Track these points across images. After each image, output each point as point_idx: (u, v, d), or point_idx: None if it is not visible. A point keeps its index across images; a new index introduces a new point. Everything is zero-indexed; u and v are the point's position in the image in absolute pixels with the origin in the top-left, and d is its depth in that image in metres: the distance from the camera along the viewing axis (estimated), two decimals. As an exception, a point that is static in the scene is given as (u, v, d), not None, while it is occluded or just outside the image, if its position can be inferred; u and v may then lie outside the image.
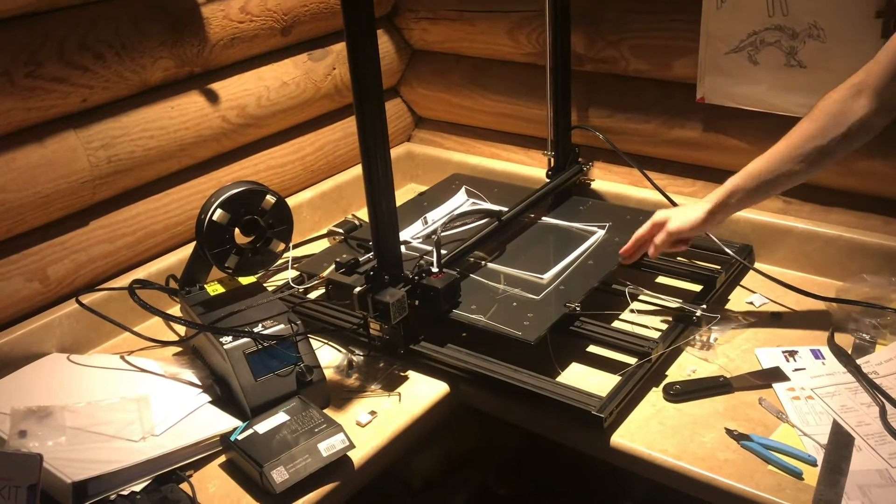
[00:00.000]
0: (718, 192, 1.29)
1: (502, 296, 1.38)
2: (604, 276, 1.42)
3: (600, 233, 1.55)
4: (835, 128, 1.17)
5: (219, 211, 1.30)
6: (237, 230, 1.33)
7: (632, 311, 1.42)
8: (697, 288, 1.46)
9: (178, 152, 1.55)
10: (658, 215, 1.35)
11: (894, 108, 1.14)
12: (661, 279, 1.53)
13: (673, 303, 1.40)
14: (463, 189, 1.77)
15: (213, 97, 1.59)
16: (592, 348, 1.35)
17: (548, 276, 1.42)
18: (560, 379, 1.28)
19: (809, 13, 1.37)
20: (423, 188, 2.01)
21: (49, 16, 1.34)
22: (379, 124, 1.21)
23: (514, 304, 1.36)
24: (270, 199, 1.34)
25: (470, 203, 1.73)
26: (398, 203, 1.78)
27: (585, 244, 1.52)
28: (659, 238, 1.33)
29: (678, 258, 1.53)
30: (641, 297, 1.44)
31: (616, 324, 1.39)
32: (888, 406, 1.17)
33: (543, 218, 1.65)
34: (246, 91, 1.65)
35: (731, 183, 1.28)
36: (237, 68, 1.65)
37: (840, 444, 1.11)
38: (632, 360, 1.28)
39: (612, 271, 1.44)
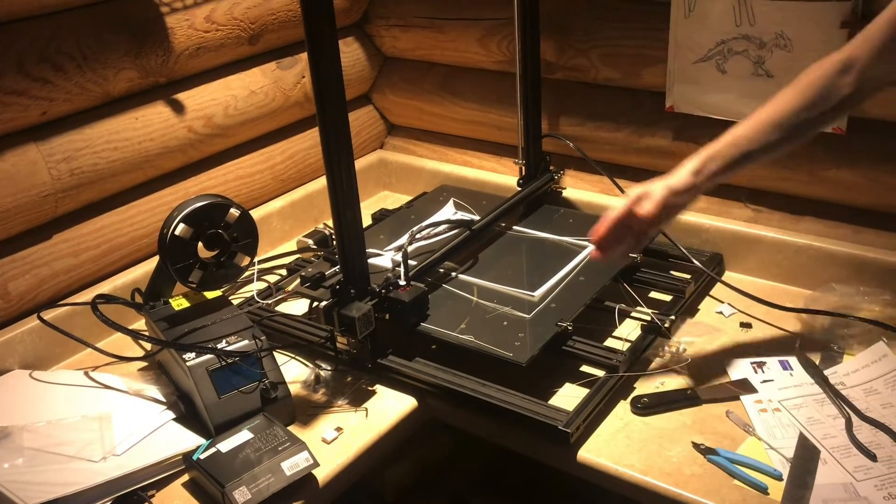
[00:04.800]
0: (696, 157, 1.16)
1: (492, 314, 1.36)
2: (596, 293, 1.40)
3: (591, 247, 1.53)
4: (822, 103, 1.12)
5: (181, 225, 1.28)
6: (201, 244, 1.32)
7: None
8: (669, 298, 1.46)
9: (144, 164, 1.53)
10: (634, 190, 1.18)
11: (880, 86, 1.12)
12: (654, 294, 1.50)
13: (643, 314, 1.39)
14: (451, 201, 1.75)
15: (178, 107, 1.57)
16: (586, 368, 1.32)
17: (539, 293, 1.40)
18: (552, 401, 1.26)
19: (776, 23, 1.37)
20: (396, 195, 2.01)
21: (7, 27, 1.32)
22: (342, 134, 1.19)
23: (505, 322, 1.34)
24: (234, 212, 1.32)
25: (459, 215, 1.70)
26: (377, 211, 1.82)
27: (576, 260, 1.49)
28: (653, 203, 1.15)
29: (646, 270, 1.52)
30: (633, 314, 1.42)
31: (609, 342, 1.37)
32: (854, 418, 1.17)
33: (525, 230, 1.63)
34: (213, 101, 1.63)
35: (711, 148, 1.16)
36: (203, 78, 1.63)
37: (805, 457, 1.11)
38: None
39: (605, 287, 1.42)
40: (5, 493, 1.05)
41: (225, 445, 1.14)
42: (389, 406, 1.29)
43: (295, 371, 1.37)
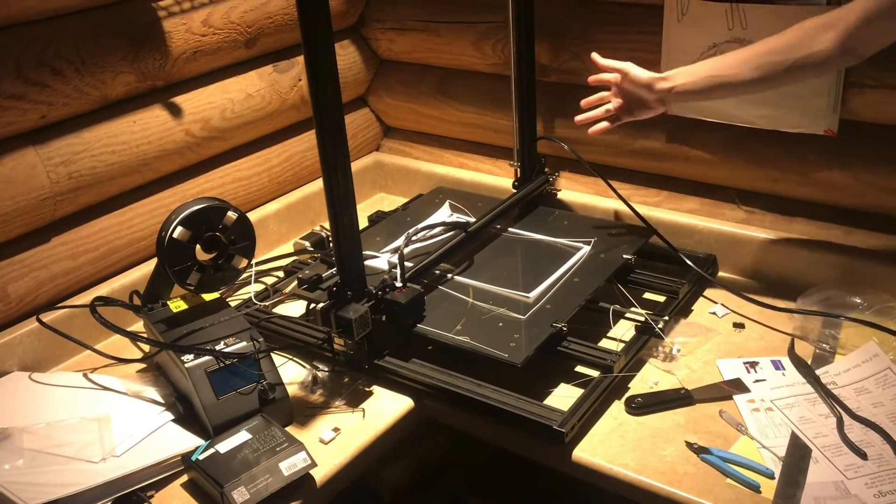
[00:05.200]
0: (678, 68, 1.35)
1: (488, 315, 1.37)
2: (591, 295, 1.41)
3: (585, 249, 1.54)
4: (796, 48, 1.19)
5: (179, 228, 1.29)
6: (198, 247, 1.33)
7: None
8: (663, 299, 1.47)
9: (141, 167, 1.54)
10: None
11: (857, 54, 1.16)
12: (648, 295, 1.51)
13: (637, 315, 1.41)
14: (447, 203, 1.76)
15: (176, 111, 1.58)
16: (581, 369, 1.34)
17: (534, 294, 1.41)
18: (548, 401, 1.27)
19: (768, 27, 1.37)
20: (392, 197, 2.02)
21: (5, 32, 1.33)
22: (339, 137, 1.20)
23: (500, 324, 1.35)
24: (232, 215, 1.34)
25: (455, 217, 1.71)
26: (373, 213, 1.83)
27: (571, 261, 1.50)
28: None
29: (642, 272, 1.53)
30: (627, 315, 1.43)
31: (604, 342, 1.38)
32: (845, 417, 1.18)
33: (520, 231, 1.64)
34: (210, 104, 1.64)
35: (686, 68, 1.33)
36: (201, 81, 1.64)
37: (797, 456, 1.12)
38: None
39: (600, 288, 1.43)
40: (6, 494, 1.06)
41: (223, 446, 1.16)
42: (386, 407, 1.30)
43: (292, 372, 1.38)
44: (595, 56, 1.46)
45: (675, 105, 1.54)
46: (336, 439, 1.23)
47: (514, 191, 1.72)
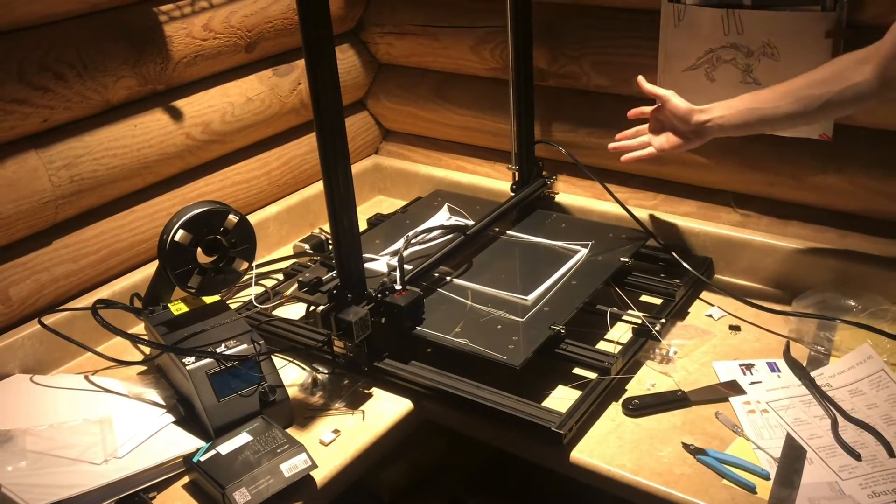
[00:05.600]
0: (718, 103, 1.34)
1: (486, 318, 1.38)
2: (588, 297, 1.42)
3: (583, 251, 1.55)
4: (835, 81, 1.20)
5: (180, 231, 1.30)
6: (199, 250, 1.34)
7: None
8: (659, 301, 1.49)
9: (142, 170, 1.55)
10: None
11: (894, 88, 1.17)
12: (645, 297, 1.52)
13: (634, 317, 1.42)
14: (445, 206, 1.78)
15: (176, 114, 1.59)
16: (578, 371, 1.35)
17: (532, 297, 1.42)
18: (546, 403, 1.28)
19: (764, 32, 1.40)
20: (391, 200, 2.03)
21: (8, 36, 1.34)
22: (339, 140, 1.21)
23: (499, 326, 1.36)
24: (233, 218, 1.35)
25: (453, 220, 1.72)
26: (372, 215, 1.84)
27: (569, 263, 1.52)
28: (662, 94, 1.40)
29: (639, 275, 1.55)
30: (624, 318, 1.44)
31: (601, 345, 1.40)
32: (840, 418, 1.19)
33: (518, 234, 1.65)
34: (210, 107, 1.66)
35: (724, 101, 1.33)
36: (201, 85, 1.65)
37: (792, 457, 1.14)
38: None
39: (597, 291, 1.44)
40: (9, 496, 1.06)
41: (225, 448, 1.17)
42: (386, 408, 1.31)
43: (293, 374, 1.39)
44: (641, 80, 1.44)
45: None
46: (336, 441, 1.25)
47: (513, 194, 1.73)
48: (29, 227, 1.41)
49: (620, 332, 1.42)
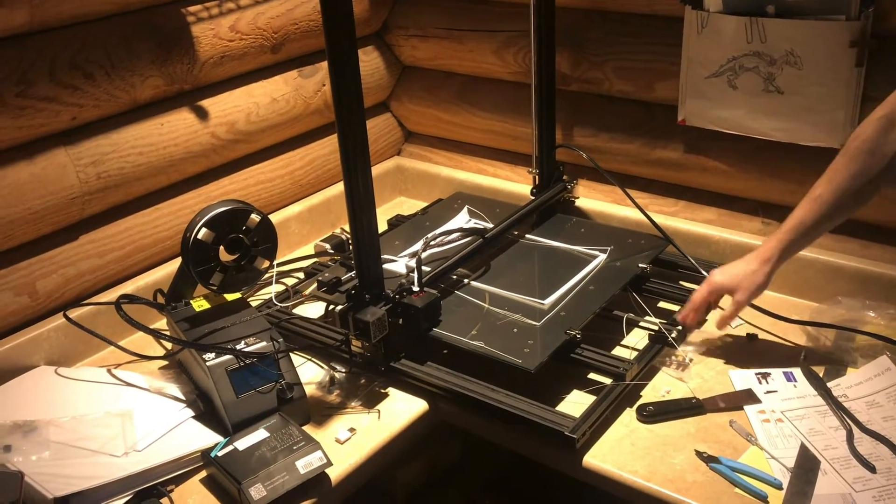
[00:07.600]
0: (774, 252, 1.26)
1: (503, 321, 1.39)
2: (605, 303, 1.43)
3: (602, 256, 1.56)
4: (877, 163, 1.17)
5: (203, 230, 1.32)
6: (222, 248, 1.36)
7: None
8: (677, 308, 1.48)
9: (168, 168, 1.58)
10: (716, 278, 1.32)
11: None
12: (662, 304, 1.52)
13: (650, 324, 1.42)
14: (465, 208, 1.79)
15: (202, 114, 1.62)
16: (593, 376, 1.35)
17: (549, 301, 1.43)
18: (560, 407, 1.29)
19: (787, 41, 1.39)
20: (412, 201, 2.04)
21: (40, 36, 1.37)
22: (360, 142, 1.23)
23: (515, 329, 1.37)
24: (255, 217, 1.37)
25: (473, 223, 1.73)
26: (392, 217, 1.86)
27: (587, 268, 1.52)
28: (729, 312, 1.32)
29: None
30: (641, 324, 1.44)
31: (617, 350, 1.40)
32: (855, 430, 1.19)
33: (537, 238, 1.66)
34: (236, 107, 1.68)
35: (784, 240, 1.26)
36: (227, 85, 1.68)
37: (806, 467, 1.13)
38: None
39: (614, 296, 1.45)
40: (33, 485, 1.09)
41: (242, 443, 1.18)
42: (401, 408, 1.33)
43: (310, 372, 1.41)
44: (684, 318, 1.36)
45: (692, 116, 1.56)
46: (351, 439, 1.26)
47: (532, 197, 1.74)
48: (56, 222, 1.44)
49: (637, 339, 1.42)
